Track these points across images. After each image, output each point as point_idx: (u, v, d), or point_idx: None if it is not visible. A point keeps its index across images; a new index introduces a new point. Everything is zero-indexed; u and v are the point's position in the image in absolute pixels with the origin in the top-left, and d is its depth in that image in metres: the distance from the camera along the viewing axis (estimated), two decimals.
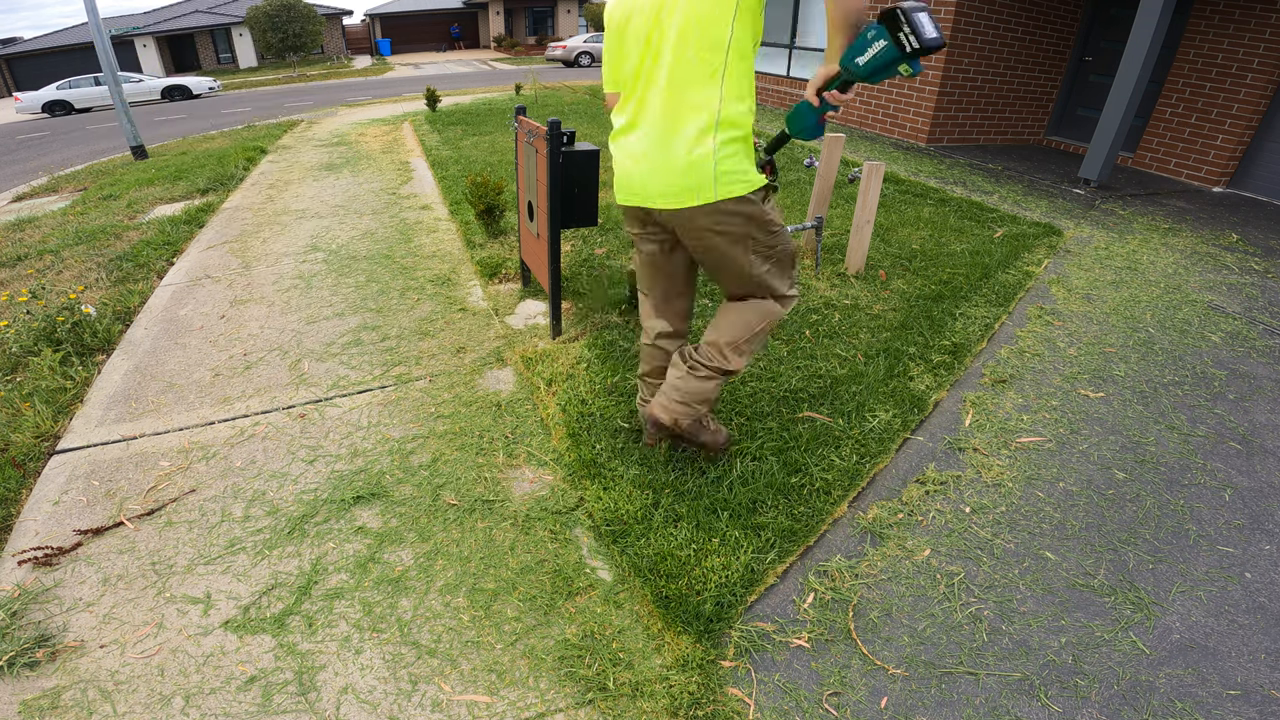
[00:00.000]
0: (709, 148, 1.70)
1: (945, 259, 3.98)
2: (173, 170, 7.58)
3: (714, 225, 1.80)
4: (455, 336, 3.31)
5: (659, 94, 1.74)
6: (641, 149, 1.81)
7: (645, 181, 1.82)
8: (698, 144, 1.70)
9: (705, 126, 1.69)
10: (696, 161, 1.71)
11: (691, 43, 1.65)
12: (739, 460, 2.28)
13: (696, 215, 1.78)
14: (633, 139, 1.85)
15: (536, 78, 13.77)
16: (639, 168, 1.83)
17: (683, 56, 1.67)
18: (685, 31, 1.65)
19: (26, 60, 31.05)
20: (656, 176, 1.79)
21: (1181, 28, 5.98)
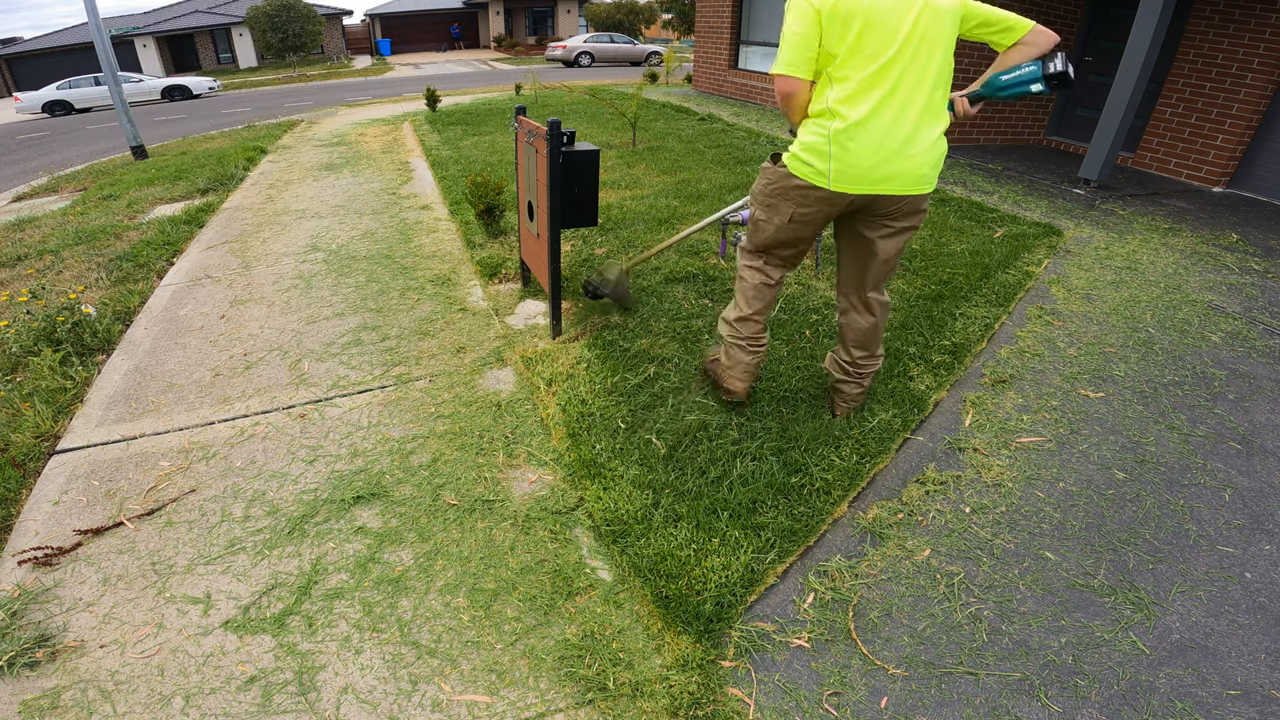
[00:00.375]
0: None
1: (945, 259, 3.98)
2: (173, 170, 7.58)
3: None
4: (455, 336, 3.31)
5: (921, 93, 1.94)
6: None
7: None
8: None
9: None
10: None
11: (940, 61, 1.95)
12: (739, 460, 2.28)
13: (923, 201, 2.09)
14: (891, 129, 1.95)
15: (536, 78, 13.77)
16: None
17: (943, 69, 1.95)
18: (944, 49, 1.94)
19: (26, 60, 31.05)
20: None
21: (1181, 28, 5.98)
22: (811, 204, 2.06)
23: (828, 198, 2.03)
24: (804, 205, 2.08)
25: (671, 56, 12.99)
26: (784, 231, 2.18)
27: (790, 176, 2.06)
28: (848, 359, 2.40)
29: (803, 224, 2.13)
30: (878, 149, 1.92)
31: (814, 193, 2.03)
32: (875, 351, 2.38)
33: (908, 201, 2.04)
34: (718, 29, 11.25)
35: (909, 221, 2.11)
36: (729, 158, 6.57)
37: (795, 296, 3.51)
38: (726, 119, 8.81)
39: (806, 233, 2.17)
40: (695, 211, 4.85)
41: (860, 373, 2.41)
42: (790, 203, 2.10)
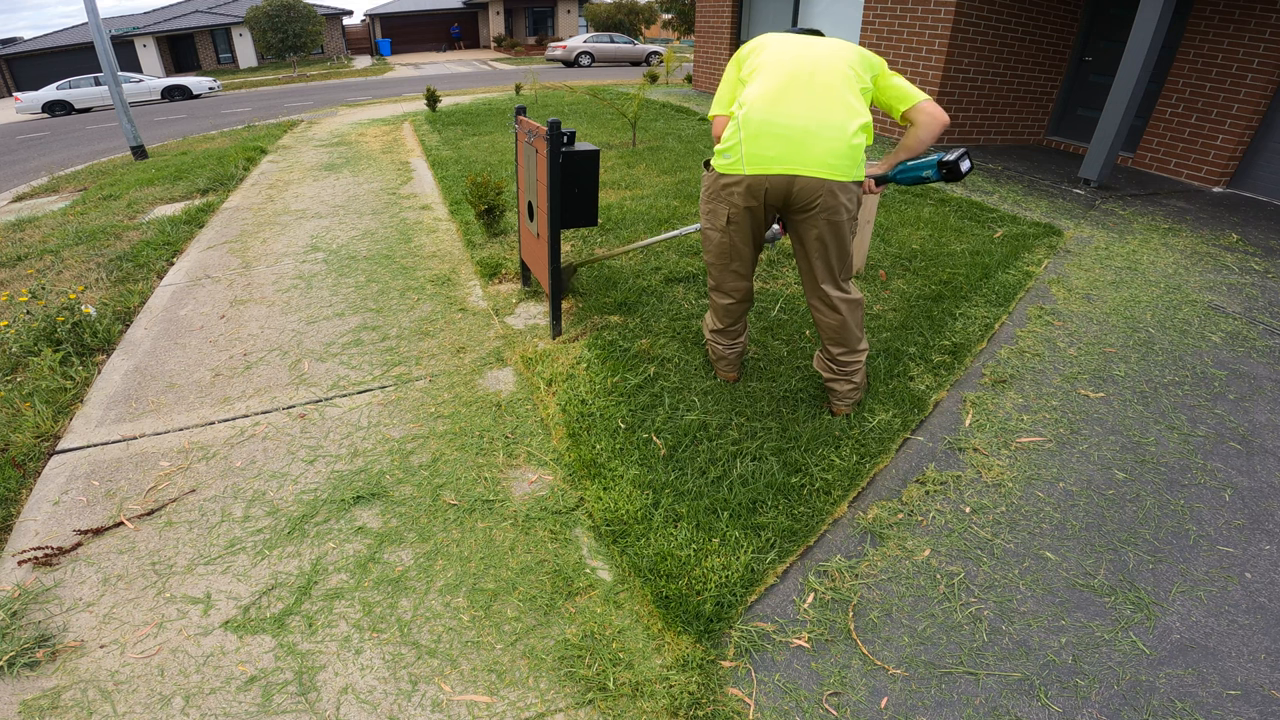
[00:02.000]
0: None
1: (945, 259, 3.98)
2: (173, 170, 7.57)
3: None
4: (455, 336, 3.31)
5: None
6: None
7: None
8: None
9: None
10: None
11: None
12: (739, 460, 2.28)
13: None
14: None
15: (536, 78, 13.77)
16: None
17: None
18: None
19: (26, 60, 31.04)
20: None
21: (1181, 28, 5.98)
22: (737, 198, 2.23)
23: (748, 187, 2.19)
24: (732, 202, 2.25)
25: (671, 56, 12.99)
26: (727, 236, 2.34)
27: (718, 176, 2.26)
28: (829, 357, 2.47)
29: (738, 225, 2.29)
30: (779, 127, 2.10)
31: (736, 186, 2.21)
32: (854, 347, 2.42)
33: (822, 191, 2.13)
34: (718, 29, 11.25)
35: (827, 215, 2.18)
36: None
37: (795, 296, 3.50)
38: None
39: (744, 234, 2.32)
40: (695, 212, 4.85)
41: (845, 370, 2.45)
42: (723, 203, 2.28)
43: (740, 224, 2.29)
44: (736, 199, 2.22)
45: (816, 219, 2.18)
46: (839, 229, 2.21)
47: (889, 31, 7.47)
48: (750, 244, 2.37)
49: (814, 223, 2.20)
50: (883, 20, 7.52)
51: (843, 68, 2.14)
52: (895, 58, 7.47)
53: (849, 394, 2.50)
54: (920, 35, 7.07)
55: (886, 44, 7.54)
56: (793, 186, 2.14)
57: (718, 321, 2.60)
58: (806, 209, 2.18)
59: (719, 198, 2.29)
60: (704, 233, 2.43)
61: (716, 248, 2.40)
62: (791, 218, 2.27)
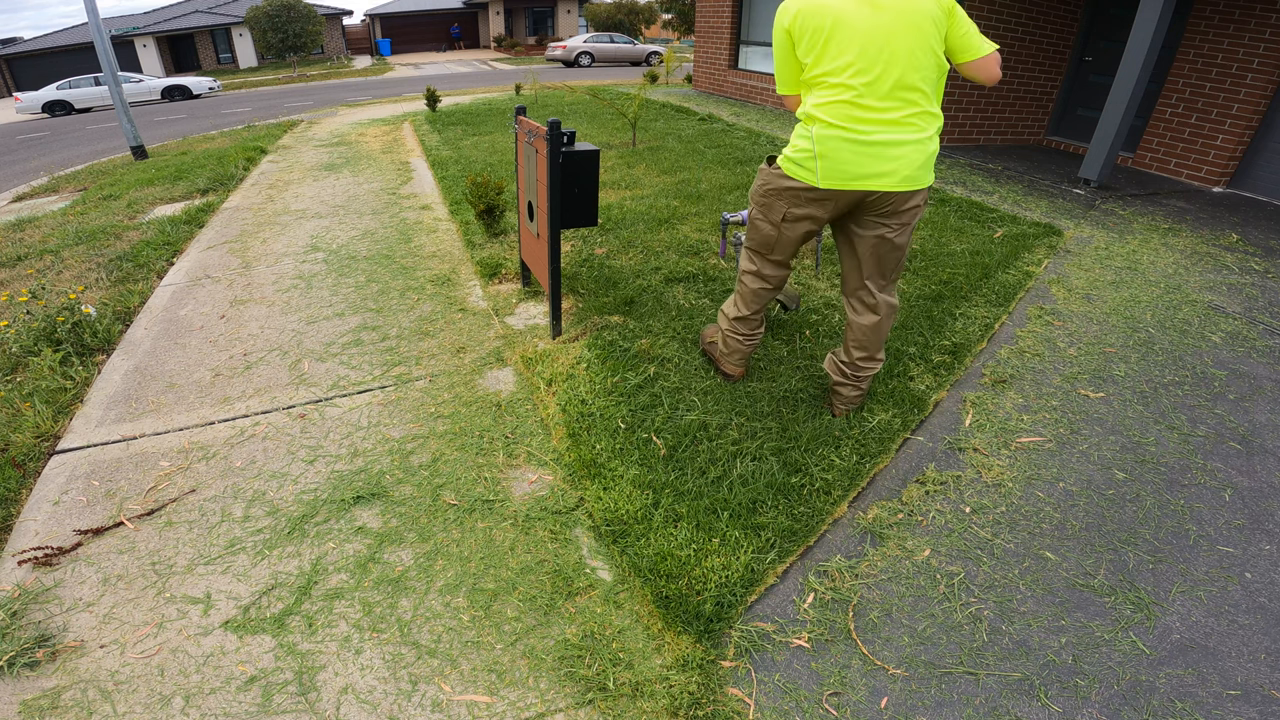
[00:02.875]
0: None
1: (945, 259, 3.98)
2: (173, 170, 7.58)
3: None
4: (455, 336, 3.32)
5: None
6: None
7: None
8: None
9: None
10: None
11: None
12: (739, 460, 2.28)
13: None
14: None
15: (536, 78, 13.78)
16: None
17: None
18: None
19: (26, 60, 31.05)
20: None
21: (1181, 28, 5.98)
22: (803, 204, 2.16)
23: (818, 197, 2.12)
24: (796, 205, 2.18)
25: (671, 56, 12.99)
26: (778, 231, 2.27)
27: (783, 177, 2.17)
28: (846, 360, 2.43)
29: (794, 223, 2.22)
30: (858, 148, 2.00)
31: (805, 193, 2.13)
32: (875, 354, 2.39)
33: (897, 199, 2.09)
34: (718, 29, 11.25)
35: (901, 219, 2.14)
36: (729, 158, 6.57)
37: (800, 294, 3.50)
38: (726, 119, 8.81)
39: (798, 233, 2.25)
40: (695, 211, 4.85)
41: (858, 375, 2.43)
42: (783, 202, 2.20)
43: (797, 223, 2.22)
44: (802, 205, 2.16)
45: (887, 222, 2.15)
46: (905, 233, 2.18)
47: None
48: (799, 241, 2.29)
49: (884, 226, 2.16)
50: None
51: (923, 45, 1.94)
52: None
53: (855, 399, 2.50)
54: None
55: None
56: (868, 198, 2.09)
57: (743, 307, 2.50)
58: (877, 215, 2.14)
59: (781, 197, 2.19)
60: (753, 221, 2.35)
61: (763, 239, 2.33)
62: (853, 222, 2.21)
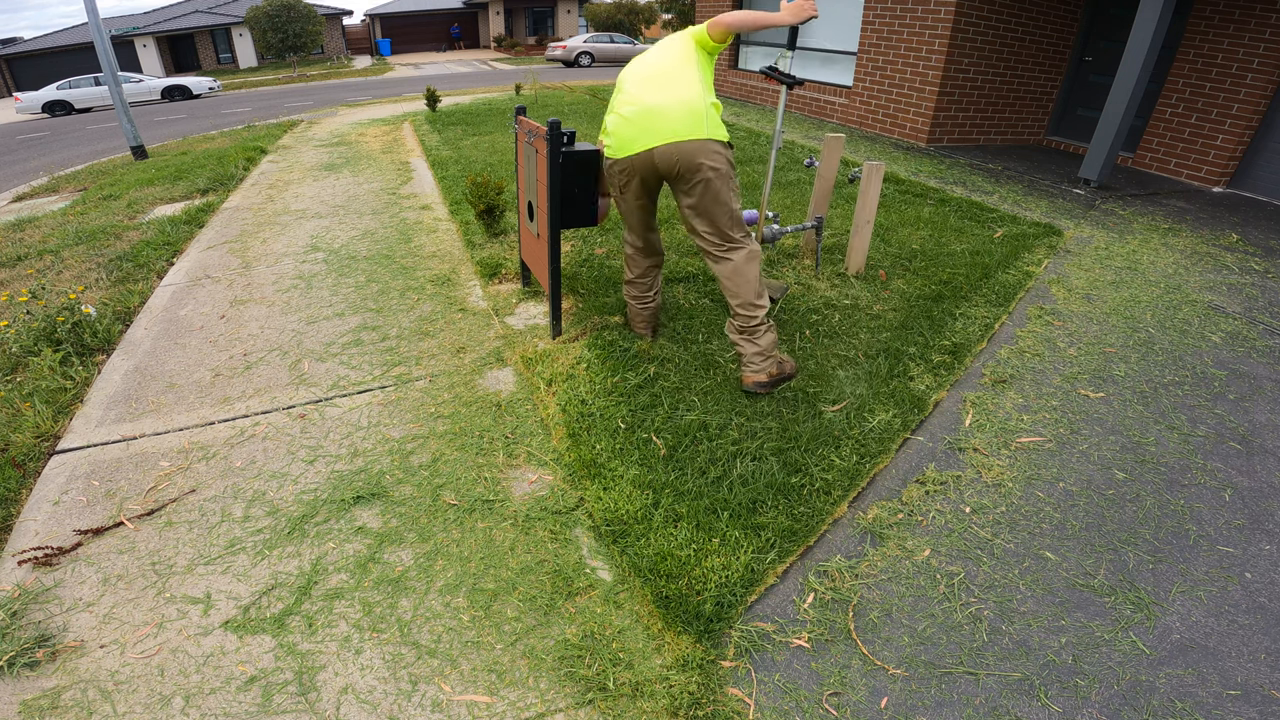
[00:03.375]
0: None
1: (945, 259, 3.98)
2: (173, 170, 7.57)
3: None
4: (455, 336, 3.31)
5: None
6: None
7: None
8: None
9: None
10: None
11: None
12: (739, 460, 2.28)
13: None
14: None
15: (536, 78, 13.78)
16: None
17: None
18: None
19: (26, 60, 31.04)
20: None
21: (1181, 28, 5.98)
22: (615, 177, 2.63)
23: (620, 169, 2.58)
24: (613, 179, 2.66)
25: None
26: (618, 201, 2.74)
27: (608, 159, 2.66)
28: (731, 313, 2.61)
29: (622, 195, 2.67)
30: (623, 119, 2.51)
31: (614, 167, 2.62)
32: (751, 299, 2.52)
33: (678, 158, 2.42)
34: None
35: (695, 177, 2.45)
36: None
37: (795, 296, 3.50)
38: (726, 119, 8.80)
39: (630, 202, 2.69)
40: None
41: (746, 325, 2.54)
42: (610, 176, 2.69)
43: (623, 196, 2.70)
44: (614, 175, 2.66)
45: (686, 179, 2.48)
46: (709, 186, 2.47)
47: (889, 31, 7.47)
48: (634, 205, 2.72)
49: (685, 183, 2.49)
50: (882, 20, 7.52)
51: (675, 58, 2.54)
52: (895, 57, 7.47)
53: (753, 357, 2.56)
54: (920, 35, 7.07)
55: (886, 44, 7.54)
56: (653, 159, 2.47)
57: (627, 270, 2.98)
58: (672, 175, 2.50)
59: (607, 173, 2.75)
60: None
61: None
62: (671, 187, 2.60)
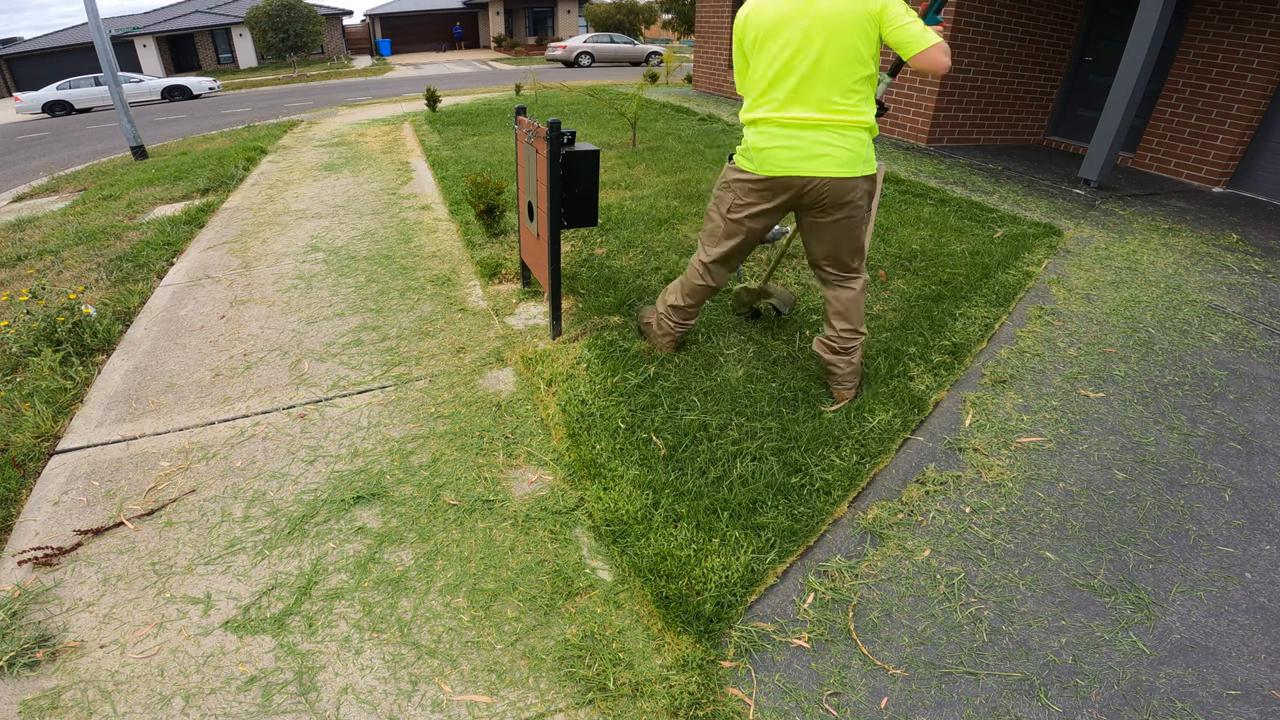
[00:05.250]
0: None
1: (945, 259, 3.98)
2: (173, 170, 7.58)
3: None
4: (455, 336, 3.31)
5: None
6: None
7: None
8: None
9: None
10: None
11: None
12: (739, 460, 2.28)
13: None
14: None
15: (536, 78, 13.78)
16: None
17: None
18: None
19: (27, 60, 31.04)
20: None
21: (1181, 28, 5.98)
22: (745, 194, 2.36)
23: (757, 188, 2.32)
24: (739, 196, 2.38)
25: (671, 56, 12.99)
26: (725, 222, 2.47)
27: (734, 170, 2.39)
28: (831, 333, 2.56)
29: (737, 214, 2.42)
30: (786, 141, 2.20)
31: (748, 184, 2.34)
32: (858, 326, 2.52)
33: (830, 190, 2.23)
34: (718, 29, 11.25)
35: (843, 211, 2.29)
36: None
37: (795, 296, 3.50)
38: (726, 119, 8.81)
39: (742, 226, 2.43)
40: (695, 211, 4.85)
41: (846, 347, 2.54)
42: (731, 194, 2.41)
43: (739, 218, 2.42)
44: (743, 192, 2.36)
45: (834, 213, 2.30)
46: (851, 222, 2.32)
47: None
48: (742, 238, 2.47)
49: (826, 214, 2.31)
50: None
51: (847, 57, 2.10)
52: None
53: (850, 376, 2.60)
54: None
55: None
56: (806, 186, 2.24)
57: (681, 297, 2.71)
58: (822, 205, 2.29)
59: (728, 188, 2.42)
60: (707, 213, 2.56)
61: (711, 230, 2.54)
62: (803, 214, 2.39)
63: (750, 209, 2.38)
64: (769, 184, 2.29)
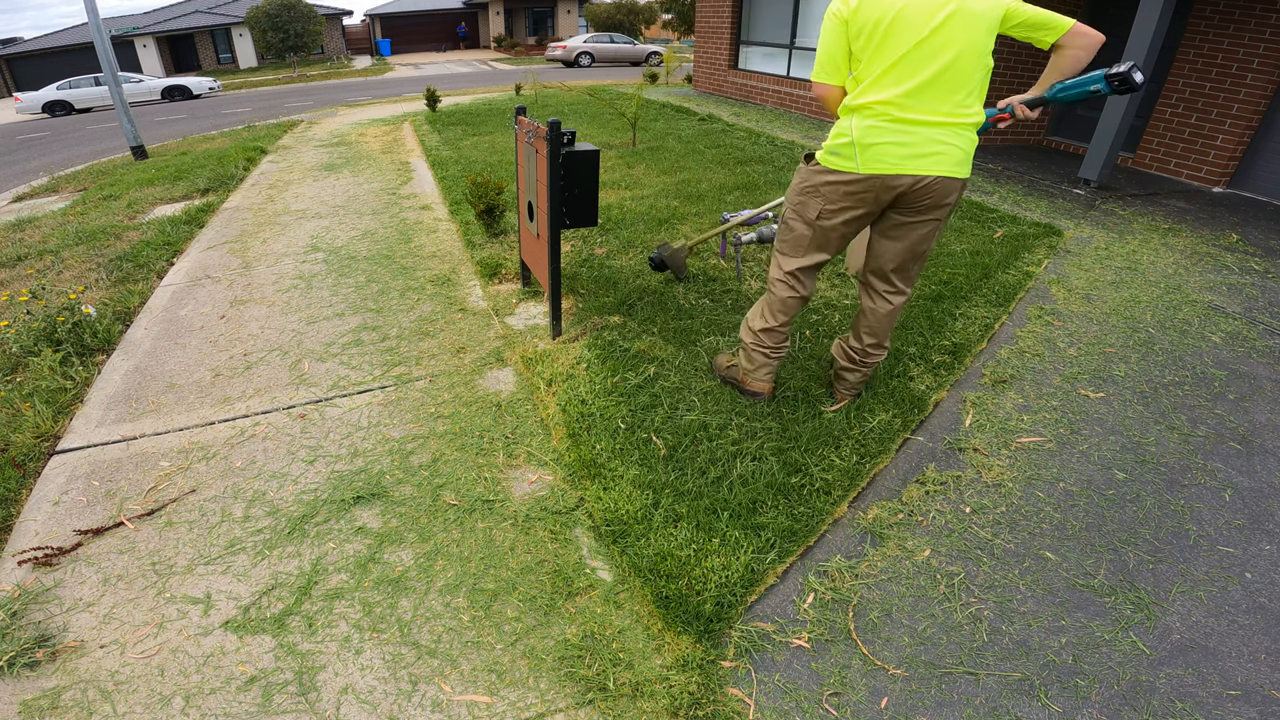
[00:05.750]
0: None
1: (945, 259, 3.98)
2: (173, 170, 7.58)
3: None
4: (455, 336, 3.31)
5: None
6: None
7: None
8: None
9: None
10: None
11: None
12: (739, 460, 2.28)
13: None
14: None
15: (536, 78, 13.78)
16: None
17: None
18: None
19: (27, 60, 31.04)
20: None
21: (1181, 28, 5.97)
22: (839, 198, 2.13)
23: (855, 190, 2.10)
24: (831, 200, 2.15)
25: (671, 56, 13.00)
26: (812, 230, 2.25)
27: (823, 171, 2.15)
28: (857, 346, 2.48)
29: (831, 218, 2.19)
30: (900, 136, 2.00)
31: (845, 185, 2.10)
32: (884, 342, 2.46)
33: (938, 190, 2.06)
34: (718, 29, 11.26)
35: (939, 213, 2.14)
36: (729, 158, 6.57)
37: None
38: (726, 119, 8.81)
39: (836, 230, 2.22)
40: (695, 211, 4.85)
41: (866, 361, 2.50)
42: (820, 198, 2.18)
43: (831, 223, 2.20)
44: (838, 196, 2.14)
45: (926, 215, 2.14)
46: (937, 226, 2.19)
47: None
48: (834, 246, 2.28)
49: (916, 216, 2.15)
50: None
51: (976, 46, 1.96)
52: None
53: (857, 384, 2.58)
54: None
55: None
56: (914, 186, 2.06)
57: (770, 318, 2.42)
58: (918, 207, 2.12)
59: (818, 192, 2.18)
60: (785, 222, 2.33)
61: (796, 239, 2.30)
62: (891, 212, 2.19)
63: (846, 214, 2.16)
64: (870, 184, 2.07)
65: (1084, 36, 1.97)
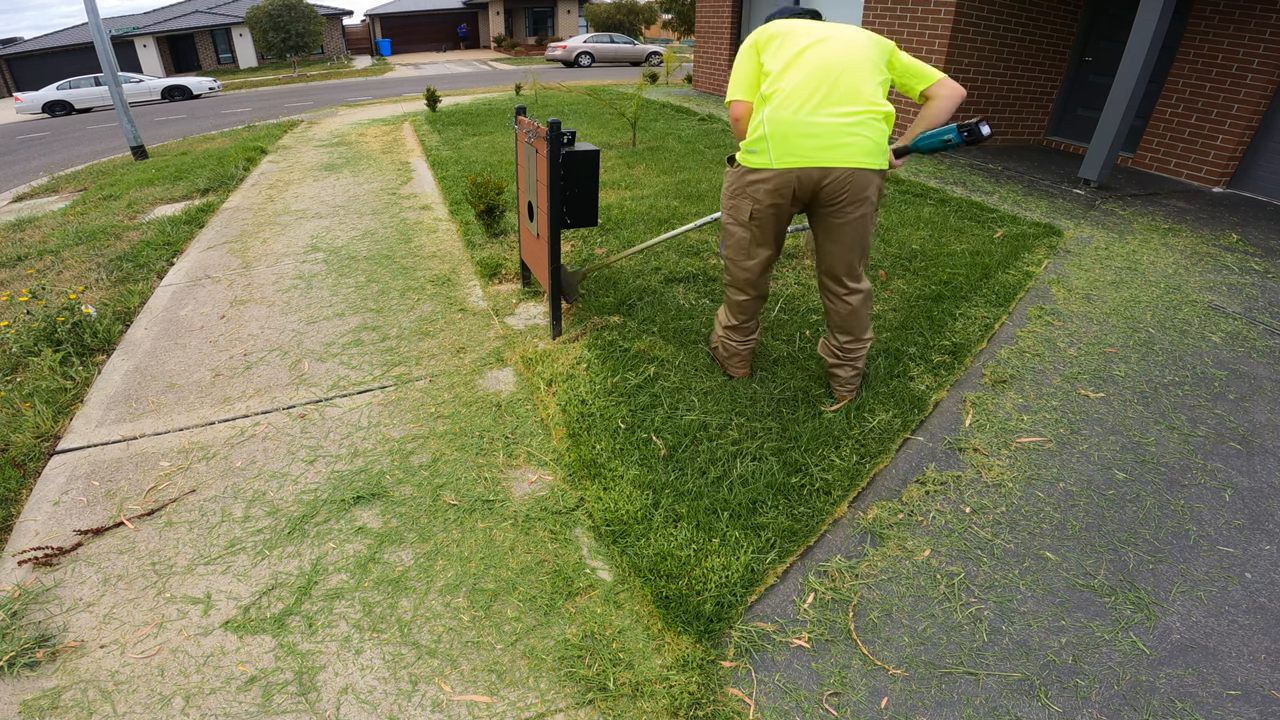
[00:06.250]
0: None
1: (945, 259, 3.98)
2: (173, 170, 7.58)
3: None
4: (455, 336, 3.32)
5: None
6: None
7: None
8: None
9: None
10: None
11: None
12: (739, 460, 2.28)
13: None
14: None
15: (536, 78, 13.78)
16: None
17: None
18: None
19: (27, 60, 31.04)
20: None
21: (1181, 28, 5.97)
22: (764, 196, 2.26)
23: (775, 185, 2.22)
24: (758, 200, 2.28)
25: (671, 56, 12.99)
26: (747, 232, 2.38)
27: (745, 171, 2.28)
28: (836, 343, 2.53)
29: (761, 218, 2.32)
30: (809, 125, 2.13)
31: (763, 184, 2.24)
32: (861, 336, 2.48)
33: (853, 184, 2.17)
34: (718, 29, 11.25)
35: (857, 206, 2.23)
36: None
37: (795, 296, 3.51)
38: (726, 119, 8.80)
39: (765, 229, 2.36)
40: (695, 211, 4.85)
41: (850, 356, 2.51)
42: (747, 198, 2.31)
43: (763, 220, 2.33)
44: (762, 194, 2.26)
45: (845, 210, 2.23)
46: (865, 220, 2.27)
47: (889, 32, 7.46)
48: (772, 241, 2.40)
49: (843, 213, 2.25)
50: (882, 20, 7.52)
51: (866, 65, 2.18)
52: None
53: (852, 379, 2.57)
54: (920, 35, 7.07)
55: None
56: (825, 179, 2.17)
57: (730, 317, 2.63)
58: (834, 201, 2.22)
59: (745, 194, 2.31)
60: (725, 227, 2.47)
61: (737, 242, 2.44)
62: (819, 210, 2.30)
63: (775, 210, 2.29)
64: (785, 178, 2.19)
65: (949, 87, 2.24)
